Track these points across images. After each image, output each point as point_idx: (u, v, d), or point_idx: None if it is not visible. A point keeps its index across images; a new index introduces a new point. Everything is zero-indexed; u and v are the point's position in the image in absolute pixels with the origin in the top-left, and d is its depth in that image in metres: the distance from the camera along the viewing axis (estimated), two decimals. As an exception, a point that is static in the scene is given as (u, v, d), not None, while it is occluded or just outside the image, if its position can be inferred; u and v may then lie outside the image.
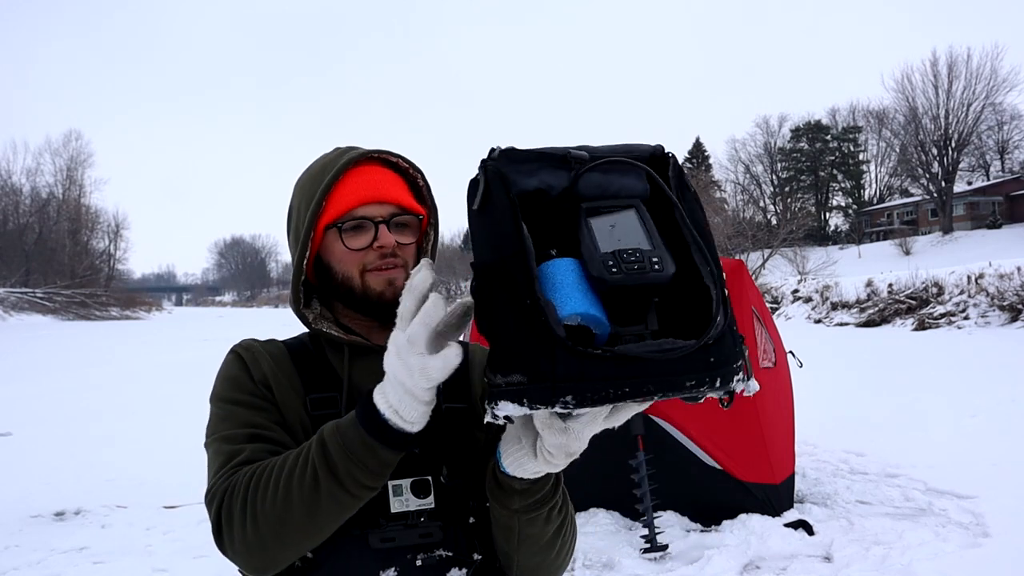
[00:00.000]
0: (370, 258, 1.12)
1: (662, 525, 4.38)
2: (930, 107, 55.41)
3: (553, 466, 0.90)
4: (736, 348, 0.80)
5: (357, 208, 1.11)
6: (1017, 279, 18.09)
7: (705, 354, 0.77)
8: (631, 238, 0.82)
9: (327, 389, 1.12)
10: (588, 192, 0.85)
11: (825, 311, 24.21)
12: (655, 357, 0.76)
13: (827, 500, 5.08)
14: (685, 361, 0.76)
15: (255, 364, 1.13)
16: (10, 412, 9.52)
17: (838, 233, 70.86)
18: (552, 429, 0.85)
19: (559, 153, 0.85)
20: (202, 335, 27.61)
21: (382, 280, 1.12)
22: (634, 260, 0.79)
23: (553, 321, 0.76)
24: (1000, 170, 60.67)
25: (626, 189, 0.85)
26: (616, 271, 0.78)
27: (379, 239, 1.11)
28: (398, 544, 1.03)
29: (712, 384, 0.77)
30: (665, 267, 0.79)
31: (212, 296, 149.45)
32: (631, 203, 0.84)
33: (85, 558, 4.46)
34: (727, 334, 0.79)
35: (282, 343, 1.20)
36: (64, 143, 62.34)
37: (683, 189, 0.87)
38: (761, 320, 5.12)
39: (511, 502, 1.00)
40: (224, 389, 1.12)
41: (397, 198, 1.14)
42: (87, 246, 61.01)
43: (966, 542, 4.22)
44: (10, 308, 40.18)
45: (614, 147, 0.88)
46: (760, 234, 42.60)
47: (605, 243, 0.81)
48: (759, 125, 72.69)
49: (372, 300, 1.12)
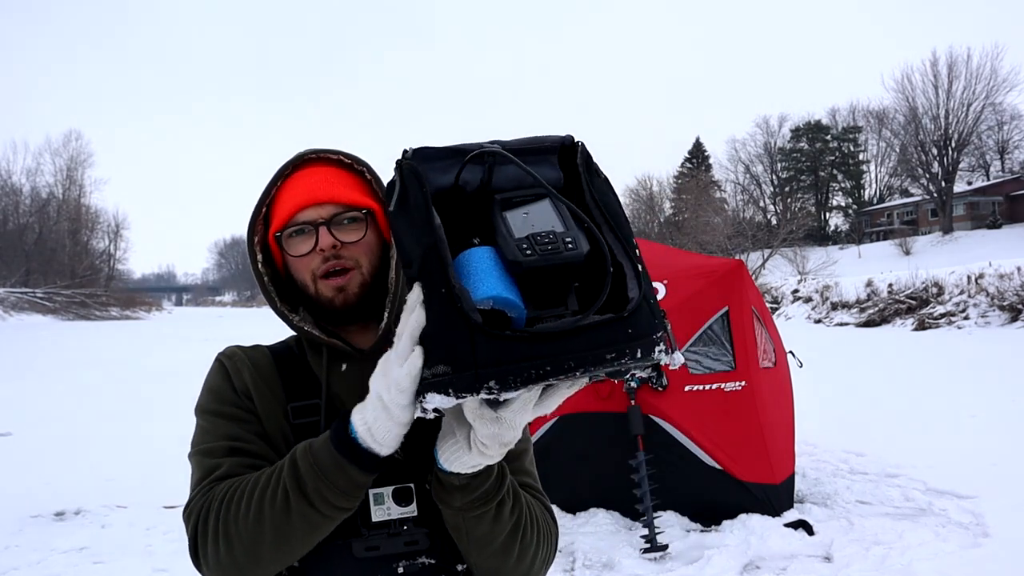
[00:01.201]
0: (315, 263, 1.09)
1: (662, 525, 4.38)
2: (930, 107, 55.46)
3: (489, 457, 0.89)
4: (655, 320, 0.80)
5: (298, 214, 1.09)
6: (1017, 279, 18.10)
7: (623, 326, 0.78)
8: (545, 223, 0.83)
9: (308, 396, 1.11)
10: (503, 184, 0.88)
11: (825, 311, 24.21)
12: (573, 332, 0.76)
13: (827, 500, 5.08)
14: (603, 333, 0.77)
15: (237, 374, 1.12)
16: (10, 412, 9.52)
17: (838, 233, 70.85)
18: (484, 419, 0.83)
19: (470, 148, 0.87)
20: (202, 335, 27.61)
21: (330, 287, 1.09)
22: (548, 241, 0.80)
23: (468, 307, 0.77)
24: (1000, 170, 60.66)
25: (543, 177, 0.86)
26: (531, 253, 0.79)
27: (320, 242, 1.08)
28: (382, 552, 1.02)
29: (633, 355, 0.77)
30: (579, 246, 0.80)
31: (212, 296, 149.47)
32: (543, 191, 0.85)
33: (85, 558, 4.46)
34: (643, 306, 0.80)
35: (267, 348, 1.19)
36: (64, 143, 62.49)
37: (592, 175, 0.89)
38: (761, 320, 5.12)
39: (452, 499, 0.97)
40: (206, 401, 1.12)
41: (338, 196, 1.10)
42: (87, 246, 61.05)
43: (966, 542, 4.22)
44: (10, 308, 40.17)
45: (525, 140, 0.90)
46: (760, 234, 42.63)
47: (520, 229, 0.82)
48: (759, 125, 72.72)
49: (326, 307, 1.10)
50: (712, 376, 4.68)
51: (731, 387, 4.64)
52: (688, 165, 70.85)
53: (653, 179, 68.73)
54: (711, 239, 40.99)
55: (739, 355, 4.70)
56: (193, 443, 1.10)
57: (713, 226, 43.83)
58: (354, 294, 1.10)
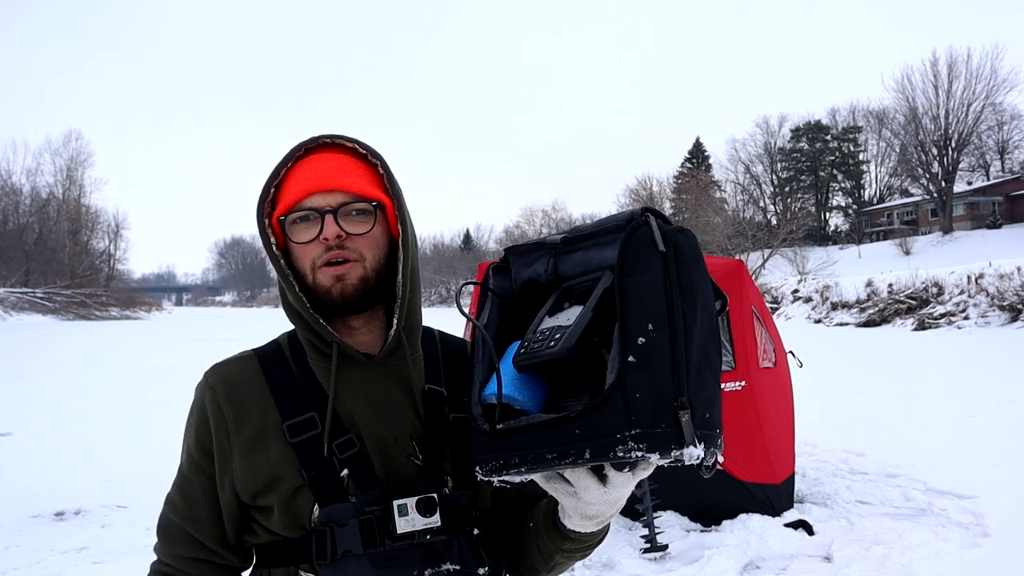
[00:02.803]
0: (317, 252, 1.05)
1: (662, 525, 4.38)
2: (930, 107, 55.42)
3: (581, 526, 0.94)
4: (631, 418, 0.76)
5: (305, 199, 1.04)
6: (1017, 279, 18.09)
7: (568, 426, 0.78)
8: (568, 317, 0.86)
9: (304, 410, 1.06)
10: (569, 272, 0.92)
11: (825, 311, 24.20)
12: (523, 430, 0.81)
13: (827, 500, 5.08)
14: (548, 433, 0.79)
15: (218, 413, 1.08)
16: (10, 412, 9.52)
17: (838, 233, 70.83)
18: (557, 492, 0.90)
19: (540, 242, 0.95)
20: (202, 335, 27.60)
21: (329, 276, 1.05)
22: (542, 339, 0.84)
23: (472, 402, 0.90)
24: (1000, 170, 60.64)
25: (605, 261, 0.88)
26: (523, 352, 0.86)
27: (324, 231, 1.03)
28: (403, 561, 1.00)
29: (580, 456, 0.77)
30: (560, 344, 0.82)
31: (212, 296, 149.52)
32: (599, 277, 0.87)
33: (85, 558, 4.46)
34: (613, 403, 0.76)
35: (256, 358, 1.13)
36: (64, 143, 62.44)
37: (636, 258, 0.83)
38: (761, 320, 5.12)
39: (563, 544, 1.02)
40: (186, 432, 1.15)
41: (348, 186, 1.05)
42: (87, 246, 60.97)
43: (966, 542, 4.22)
44: (10, 308, 40.15)
45: (598, 222, 0.92)
46: (760, 234, 42.59)
47: (548, 322, 0.87)
48: (759, 125, 72.71)
49: (323, 298, 1.06)
50: (712, 376, 4.67)
51: (731, 387, 4.64)
52: (688, 165, 70.82)
53: (653, 179, 68.88)
54: (711, 239, 40.97)
55: (739, 355, 4.70)
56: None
57: (713, 226, 43.82)
58: (352, 286, 1.05)
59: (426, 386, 1.11)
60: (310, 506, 1.02)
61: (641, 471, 0.82)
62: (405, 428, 1.07)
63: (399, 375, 1.10)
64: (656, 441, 0.76)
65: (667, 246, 0.83)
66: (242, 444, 1.06)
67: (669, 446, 0.76)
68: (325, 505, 1.01)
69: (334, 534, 0.99)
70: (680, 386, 0.78)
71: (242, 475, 1.05)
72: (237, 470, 1.06)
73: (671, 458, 0.77)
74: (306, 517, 1.03)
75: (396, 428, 1.06)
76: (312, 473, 1.02)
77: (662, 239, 0.83)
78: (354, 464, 1.03)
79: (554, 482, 0.88)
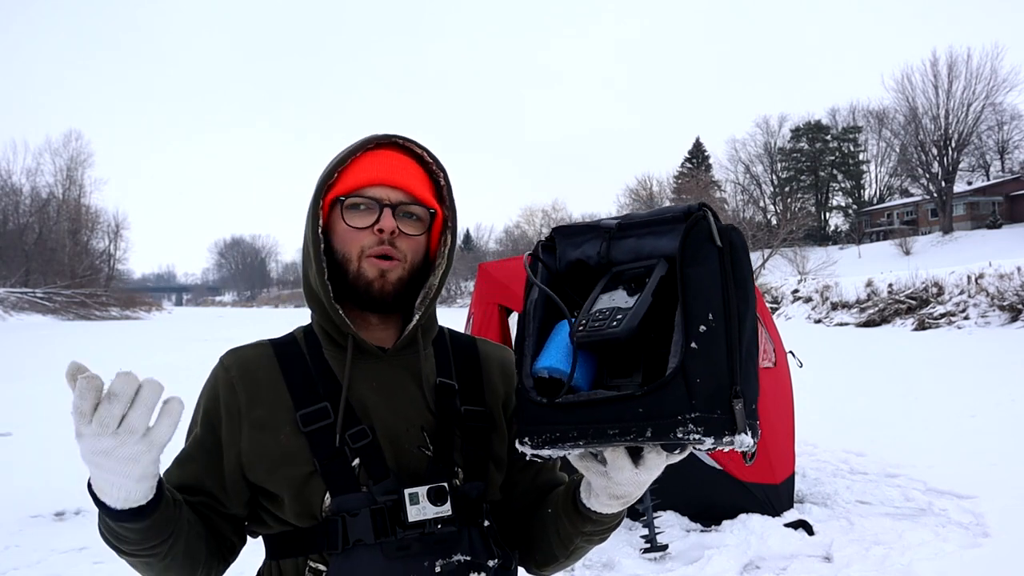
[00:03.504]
0: (368, 240, 1.06)
1: (662, 525, 4.38)
2: (930, 107, 55.44)
3: (607, 506, 0.97)
4: (692, 401, 0.79)
5: (367, 188, 1.06)
6: (1017, 279, 18.09)
7: (634, 404, 0.80)
8: (621, 299, 0.88)
9: (317, 400, 1.06)
10: (621, 257, 0.94)
11: (825, 311, 24.20)
12: (586, 404, 0.83)
13: (827, 500, 5.08)
14: (612, 410, 0.82)
15: (230, 392, 1.09)
16: (10, 412, 9.51)
17: (838, 233, 70.83)
18: (589, 471, 0.93)
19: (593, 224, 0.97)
20: (202, 335, 27.60)
21: (375, 268, 1.06)
22: (602, 319, 0.86)
23: (524, 373, 0.90)
24: (1000, 170, 60.64)
25: (658, 250, 0.91)
26: (582, 329, 0.86)
27: (381, 222, 1.05)
28: (413, 551, 1.00)
29: (641, 434, 0.80)
30: (623, 324, 0.84)
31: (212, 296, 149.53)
32: (653, 264, 0.90)
33: (85, 558, 4.46)
34: (675, 385, 0.79)
35: (271, 347, 1.14)
36: (64, 143, 62.40)
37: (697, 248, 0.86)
38: (761, 320, 5.11)
39: (584, 526, 1.03)
40: (193, 414, 1.14)
41: (411, 187, 1.08)
42: (87, 246, 60.96)
43: (966, 542, 4.22)
44: (10, 308, 40.14)
45: (654, 211, 0.95)
46: (760, 234, 42.56)
47: (603, 303, 0.89)
48: (759, 125, 72.69)
49: (361, 288, 1.07)
50: (712, 376, 4.67)
51: (731, 387, 4.64)
52: (688, 165, 70.84)
53: (653, 179, 68.98)
54: (711, 239, 40.92)
55: (739, 355, 4.70)
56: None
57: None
58: (391, 284, 1.08)
59: (438, 379, 1.13)
60: (321, 495, 1.03)
61: (676, 455, 0.86)
62: (417, 420, 1.08)
63: (412, 368, 1.12)
64: (712, 425, 0.79)
65: (723, 241, 0.86)
66: (252, 422, 1.06)
67: (723, 432, 0.79)
68: (337, 494, 1.02)
69: (346, 523, 1.00)
70: (735, 375, 0.81)
71: (249, 451, 1.05)
72: (244, 445, 1.06)
73: (722, 444, 0.80)
74: (317, 506, 1.03)
75: (408, 420, 1.07)
76: (324, 462, 1.02)
77: (719, 234, 0.86)
78: (366, 454, 1.03)
79: (587, 460, 0.91)
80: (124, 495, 0.89)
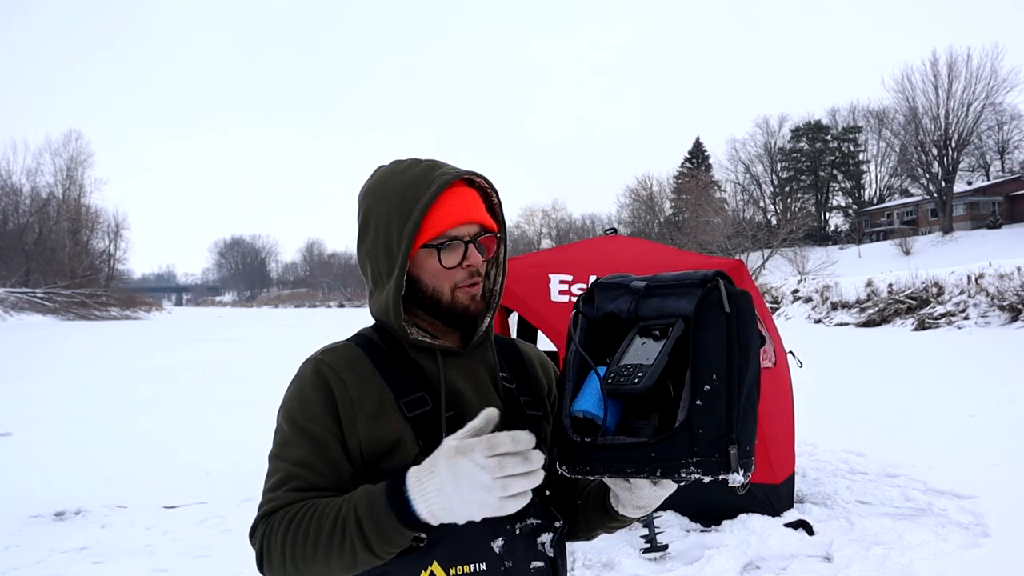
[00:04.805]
0: (460, 276, 1.22)
1: (662, 525, 4.38)
2: (930, 107, 55.45)
3: (632, 513, 1.21)
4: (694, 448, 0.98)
5: (450, 229, 1.20)
6: (1017, 279, 18.10)
7: (647, 450, 1.00)
8: (645, 355, 1.06)
9: (413, 390, 1.21)
10: (647, 313, 1.12)
11: (825, 311, 24.21)
12: (609, 447, 1.03)
13: (827, 500, 5.08)
14: (629, 453, 1.02)
15: (342, 388, 1.18)
16: (10, 412, 9.53)
17: (838, 233, 70.85)
18: (617, 487, 1.15)
19: (626, 282, 1.17)
20: (202, 335, 27.61)
21: (468, 296, 1.24)
22: (627, 374, 1.05)
23: (564, 413, 1.10)
24: (1000, 170, 60.66)
25: (679, 310, 1.09)
26: (611, 381, 1.05)
27: (469, 259, 1.21)
28: (500, 517, 1.12)
29: (652, 473, 1.01)
30: (643, 382, 1.02)
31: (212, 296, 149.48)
32: (673, 322, 1.08)
33: (85, 558, 4.46)
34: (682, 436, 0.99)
35: (357, 346, 1.26)
36: (64, 143, 62.33)
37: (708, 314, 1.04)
38: (761, 320, 5.11)
39: (610, 523, 1.27)
40: (296, 409, 1.19)
41: (481, 219, 1.24)
42: (87, 246, 60.94)
43: (966, 542, 4.22)
44: (10, 308, 40.15)
45: (677, 275, 1.12)
46: (760, 234, 42.59)
47: (629, 357, 1.07)
48: (759, 125, 72.76)
49: (458, 313, 1.23)
50: (712, 376, 4.67)
51: (731, 387, 4.64)
52: (688, 165, 70.83)
53: (653, 179, 68.88)
54: (711, 239, 40.98)
55: (739, 355, 4.69)
56: (274, 449, 1.19)
57: (713, 226, 43.84)
58: (479, 304, 1.26)
59: (500, 374, 1.30)
60: None
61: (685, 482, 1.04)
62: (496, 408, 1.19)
63: (486, 363, 1.30)
64: (710, 467, 0.98)
65: (731, 307, 1.03)
66: (367, 414, 1.18)
67: (719, 472, 0.98)
68: None
69: None
70: (731, 426, 0.99)
71: (368, 437, 1.17)
72: (363, 434, 1.17)
73: (718, 480, 0.99)
74: None
75: (488, 406, 1.18)
76: (428, 444, 1.14)
77: (728, 300, 1.04)
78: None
79: (616, 479, 1.12)
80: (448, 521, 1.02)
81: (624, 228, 62.65)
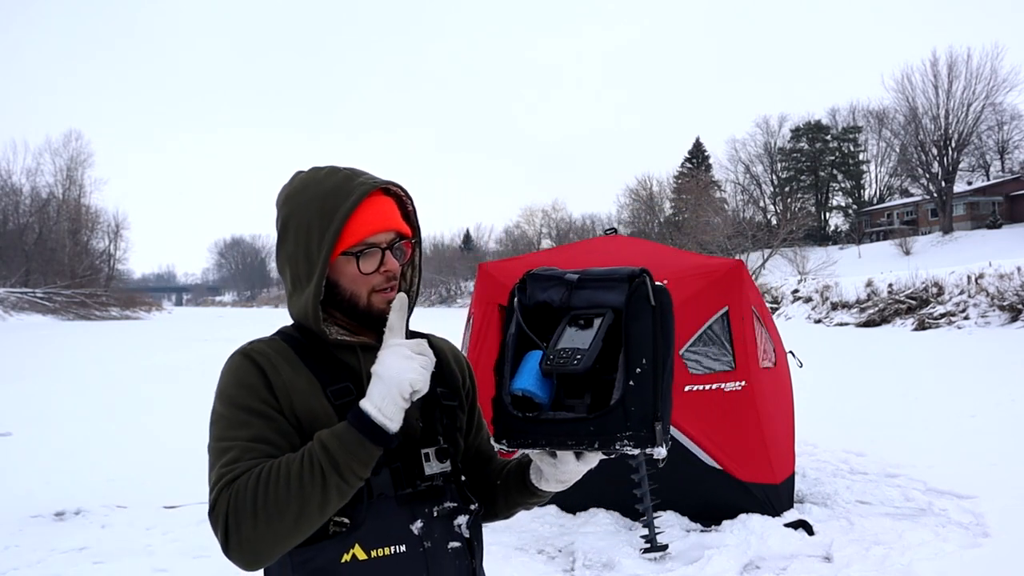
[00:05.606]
0: (377, 280, 1.27)
1: (662, 525, 4.38)
2: (930, 107, 55.42)
3: (553, 488, 1.29)
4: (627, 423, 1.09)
5: (368, 237, 1.26)
6: (1017, 279, 18.11)
7: (586, 424, 1.11)
8: (580, 340, 1.15)
9: (339, 381, 1.26)
10: (578, 303, 1.21)
11: (825, 311, 24.22)
12: (550, 421, 1.13)
13: (827, 500, 5.08)
14: (569, 427, 1.12)
15: (274, 372, 1.23)
16: (10, 412, 9.53)
17: (838, 233, 70.83)
18: (543, 462, 1.23)
19: (559, 275, 1.25)
20: (202, 335, 27.62)
21: (384, 300, 1.28)
22: (566, 356, 1.13)
23: (504, 391, 1.18)
24: (1000, 170, 60.65)
25: (607, 301, 1.19)
26: (550, 363, 1.14)
27: (386, 264, 1.27)
28: (418, 500, 1.25)
29: (590, 446, 1.11)
30: (581, 363, 1.12)
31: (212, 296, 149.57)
32: (604, 312, 1.17)
33: (85, 558, 4.46)
34: (617, 412, 1.10)
35: (281, 340, 1.31)
36: (64, 143, 62.32)
37: (636, 305, 1.16)
38: (761, 320, 5.11)
39: (530, 499, 1.36)
40: (237, 395, 1.20)
41: (397, 225, 1.30)
42: (87, 246, 60.96)
43: (966, 542, 4.22)
44: (10, 308, 40.16)
45: (605, 270, 1.22)
46: (760, 234, 42.61)
47: (564, 342, 1.16)
48: (759, 125, 72.74)
49: (375, 316, 1.28)
50: (712, 376, 4.67)
51: (731, 387, 4.64)
52: (688, 165, 70.80)
53: (653, 179, 68.82)
54: (711, 239, 40.99)
55: (739, 355, 4.70)
56: (217, 435, 1.18)
57: (713, 226, 43.86)
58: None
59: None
60: None
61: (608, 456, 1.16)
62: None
63: None
64: (640, 441, 1.09)
65: (656, 301, 1.16)
66: (300, 392, 1.23)
67: (646, 445, 1.10)
68: None
69: (370, 481, 1.20)
70: (657, 405, 1.11)
71: (305, 411, 1.22)
72: (299, 410, 1.22)
73: (644, 453, 1.11)
74: None
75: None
76: None
77: (653, 295, 1.16)
78: None
79: (543, 454, 1.21)
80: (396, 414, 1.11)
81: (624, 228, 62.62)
